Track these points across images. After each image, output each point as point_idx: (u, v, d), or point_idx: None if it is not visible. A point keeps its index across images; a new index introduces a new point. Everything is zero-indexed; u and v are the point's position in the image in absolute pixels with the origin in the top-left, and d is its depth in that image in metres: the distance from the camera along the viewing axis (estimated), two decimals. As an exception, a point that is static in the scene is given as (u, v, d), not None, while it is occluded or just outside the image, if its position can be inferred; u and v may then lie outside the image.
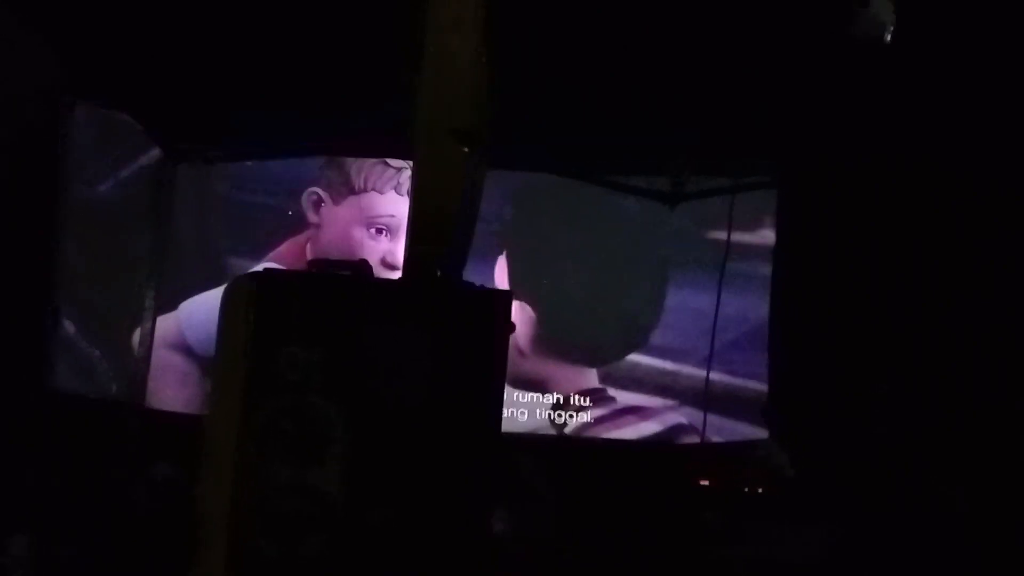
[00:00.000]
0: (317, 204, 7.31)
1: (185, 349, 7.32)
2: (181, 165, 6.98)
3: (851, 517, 5.29)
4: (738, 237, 6.96)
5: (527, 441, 6.58)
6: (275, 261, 7.07)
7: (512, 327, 3.29)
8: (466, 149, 3.42)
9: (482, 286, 3.26)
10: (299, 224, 7.34)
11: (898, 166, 6.05)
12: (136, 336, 7.11)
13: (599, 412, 7.24)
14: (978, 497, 5.28)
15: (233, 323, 2.89)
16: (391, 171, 7.27)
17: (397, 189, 7.31)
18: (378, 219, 7.36)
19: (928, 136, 5.84)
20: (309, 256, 7.17)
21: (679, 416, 7.18)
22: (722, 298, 6.64)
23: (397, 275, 3.97)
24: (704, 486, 5.87)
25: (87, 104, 6.56)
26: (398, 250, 6.59)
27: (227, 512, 2.87)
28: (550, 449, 6.61)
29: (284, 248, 7.31)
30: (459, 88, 3.36)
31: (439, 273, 3.25)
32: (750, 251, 7.21)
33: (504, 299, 3.17)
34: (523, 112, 5.94)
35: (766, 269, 6.95)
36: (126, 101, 6.54)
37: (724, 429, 7.10)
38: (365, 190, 7.37)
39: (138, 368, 7.14)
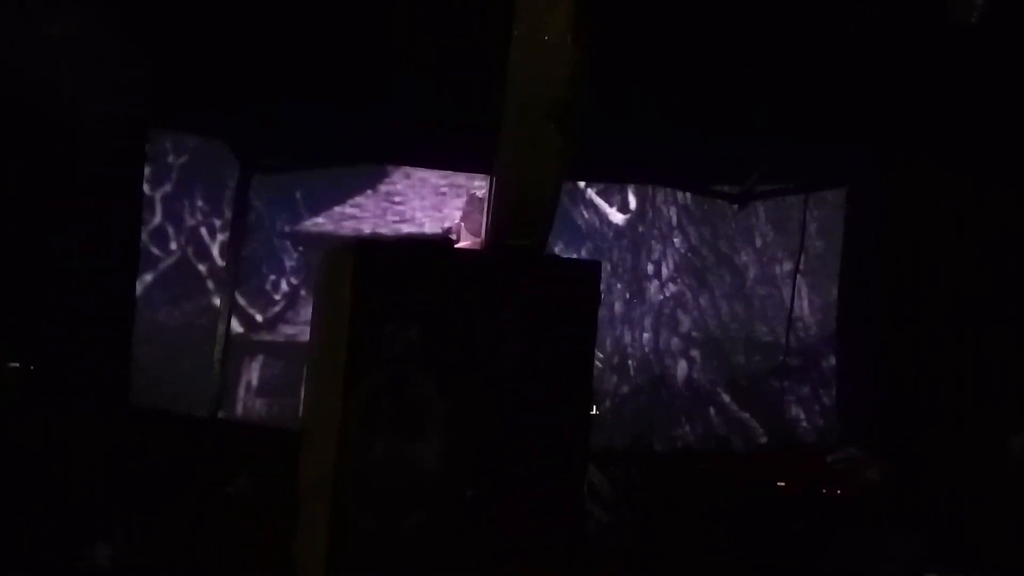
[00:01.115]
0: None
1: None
2: (256, 176, 7.14)
3: (936, 524, 5.13)
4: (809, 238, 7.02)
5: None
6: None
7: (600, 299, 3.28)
8: (560, 132, 3.41)
9: (570, 258, 3.24)
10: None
11: (978, 164, 5.96)
12: (216, 351, 7.23)
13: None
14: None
15: (333, 296, 2.90)
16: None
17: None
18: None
19: (1010, 132, 5.75)
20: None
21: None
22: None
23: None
24: (784, 491, 5.74)
25: (169, 130, 6.79)
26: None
27: (328, 486, 2.87)
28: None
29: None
30: (552, 72, 3.36)
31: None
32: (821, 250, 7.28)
33: (594, 270, 3.15)
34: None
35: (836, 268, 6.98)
36: (202, 125, 6.74)
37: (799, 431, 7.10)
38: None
39: (216, 381, 7.24)
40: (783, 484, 5.74)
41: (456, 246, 3.26)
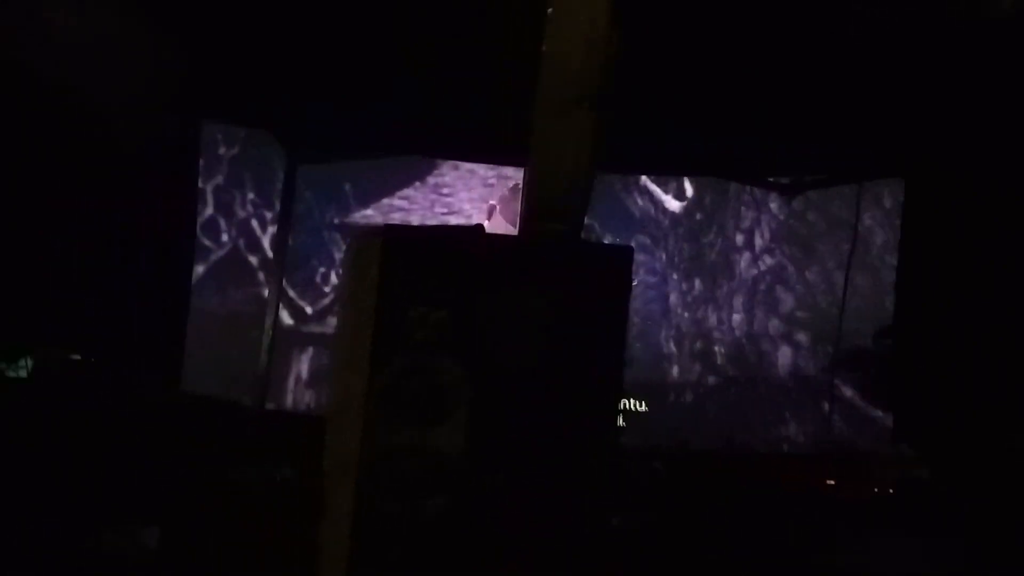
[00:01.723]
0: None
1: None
2: (304, 168, 7.22)
3: (980, 526, 4.98)
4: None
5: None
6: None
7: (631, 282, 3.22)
8: (595, 116, 3.36)
9: (601, 243, 3.19)
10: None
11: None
12: (264, 339, 7.32)
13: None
14: None
15: (360, 279, 2.89)
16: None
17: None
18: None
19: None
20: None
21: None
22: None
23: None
24: (827, 491, 5.62)
25: (219, 122, 6.89)
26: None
27: (352, 470, 2.86)
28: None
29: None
30: (587, 54, 3.32)
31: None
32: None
33: (626, 255, 3.10)
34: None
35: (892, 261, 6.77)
36: (250, 116, 6.81)
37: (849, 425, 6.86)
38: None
39: (263, 371, 7.34)
40: (830, 483, 5.63)
41: (487, 232, 3.20)
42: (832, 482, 5.73)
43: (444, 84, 5.86)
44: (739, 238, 8.41)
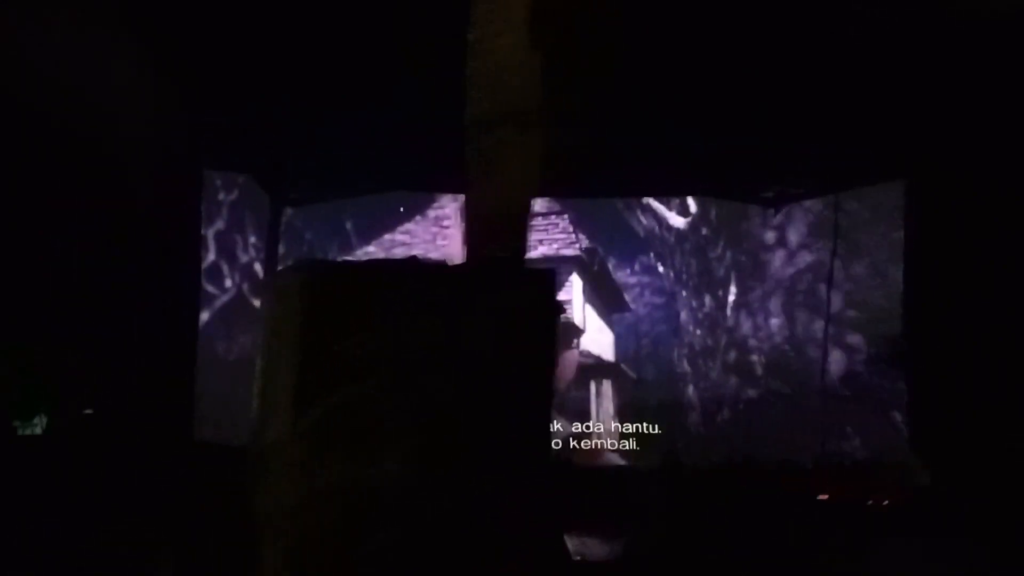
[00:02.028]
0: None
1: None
2: (301, 208, 7.26)
3: (988, 534, 4.80)
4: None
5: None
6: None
7: (561, 308, 3.15)
8: (527, 138, 3.32)
9: (530, 267, 3.14)
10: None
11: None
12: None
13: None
14: None
15: (281, 317, 2.85)
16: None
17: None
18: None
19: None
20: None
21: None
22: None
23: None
24: (833, 498, 5.46)
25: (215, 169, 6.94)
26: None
27: (284, 512, 2.80)
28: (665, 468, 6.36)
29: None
30: (509, 77, 3.28)
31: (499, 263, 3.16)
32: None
33: (550, 278, 3.04)
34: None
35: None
36: (234, 162, 6.85)
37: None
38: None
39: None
40: (825, 497, 5.48)
41: (420, 262, 3.16)
42: (825, 496, 5.57)
43: (415, 116, 5.86)
44: (769, 235, 8.04)
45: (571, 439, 6.87)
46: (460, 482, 2.85)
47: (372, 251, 9.28)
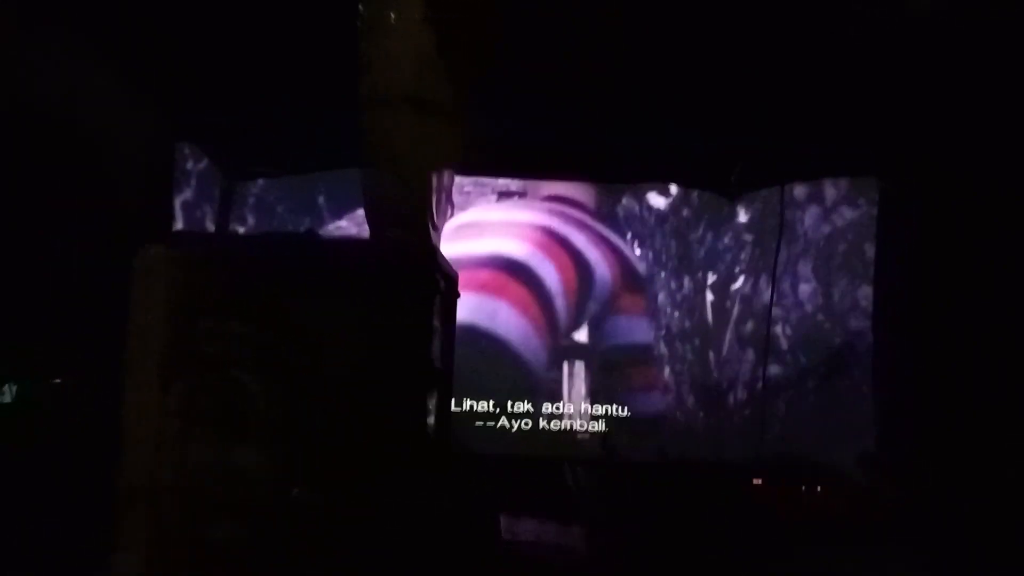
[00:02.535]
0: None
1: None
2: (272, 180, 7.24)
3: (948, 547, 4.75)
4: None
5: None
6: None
7: (455, 290, 3.12)
8: (426, 119, 3.28)
9: (418, 250, 3.08)
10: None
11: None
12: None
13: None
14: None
15: (146, 293, 2.80)
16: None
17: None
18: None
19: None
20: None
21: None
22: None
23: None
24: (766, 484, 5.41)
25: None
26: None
27: (146, 494, 2.78)
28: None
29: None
30: (403, 55, 3.22)
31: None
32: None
33: (428, 256, 3.00)
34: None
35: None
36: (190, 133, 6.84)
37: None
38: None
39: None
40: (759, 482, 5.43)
41: (316, 238, 3.11)
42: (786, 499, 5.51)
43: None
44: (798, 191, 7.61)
45: (540, 419, 6.87)
46: (325, 471, 2.81)
47: (344, 226, 9.18)
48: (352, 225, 9.63)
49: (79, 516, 4.64)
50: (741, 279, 7.26)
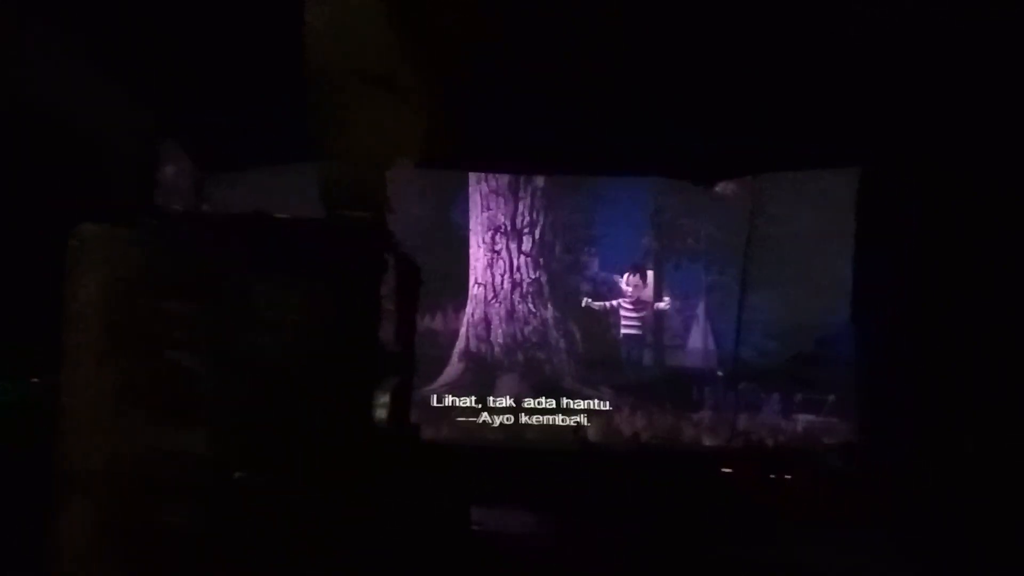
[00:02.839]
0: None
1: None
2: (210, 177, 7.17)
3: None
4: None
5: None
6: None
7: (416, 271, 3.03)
8: (383, 97, 3.20)
9: (361, 225, 3.00)
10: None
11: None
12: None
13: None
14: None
15: (85, 272, 2.72)
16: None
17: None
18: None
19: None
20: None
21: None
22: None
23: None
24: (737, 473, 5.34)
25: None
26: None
27: (88, 478, 2.69)
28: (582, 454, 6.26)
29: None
30: (359, 31, 3.14)
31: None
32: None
33: (378, 234, 2.92)
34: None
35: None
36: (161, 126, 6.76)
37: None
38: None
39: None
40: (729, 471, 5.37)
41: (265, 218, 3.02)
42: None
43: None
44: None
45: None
46: (273, 456, 2.73)
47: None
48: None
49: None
50: (715, 268, 7.24)
